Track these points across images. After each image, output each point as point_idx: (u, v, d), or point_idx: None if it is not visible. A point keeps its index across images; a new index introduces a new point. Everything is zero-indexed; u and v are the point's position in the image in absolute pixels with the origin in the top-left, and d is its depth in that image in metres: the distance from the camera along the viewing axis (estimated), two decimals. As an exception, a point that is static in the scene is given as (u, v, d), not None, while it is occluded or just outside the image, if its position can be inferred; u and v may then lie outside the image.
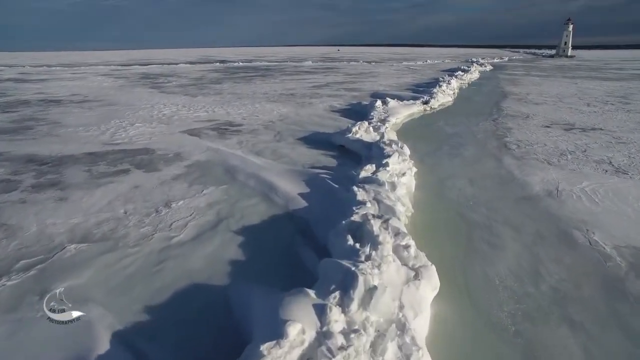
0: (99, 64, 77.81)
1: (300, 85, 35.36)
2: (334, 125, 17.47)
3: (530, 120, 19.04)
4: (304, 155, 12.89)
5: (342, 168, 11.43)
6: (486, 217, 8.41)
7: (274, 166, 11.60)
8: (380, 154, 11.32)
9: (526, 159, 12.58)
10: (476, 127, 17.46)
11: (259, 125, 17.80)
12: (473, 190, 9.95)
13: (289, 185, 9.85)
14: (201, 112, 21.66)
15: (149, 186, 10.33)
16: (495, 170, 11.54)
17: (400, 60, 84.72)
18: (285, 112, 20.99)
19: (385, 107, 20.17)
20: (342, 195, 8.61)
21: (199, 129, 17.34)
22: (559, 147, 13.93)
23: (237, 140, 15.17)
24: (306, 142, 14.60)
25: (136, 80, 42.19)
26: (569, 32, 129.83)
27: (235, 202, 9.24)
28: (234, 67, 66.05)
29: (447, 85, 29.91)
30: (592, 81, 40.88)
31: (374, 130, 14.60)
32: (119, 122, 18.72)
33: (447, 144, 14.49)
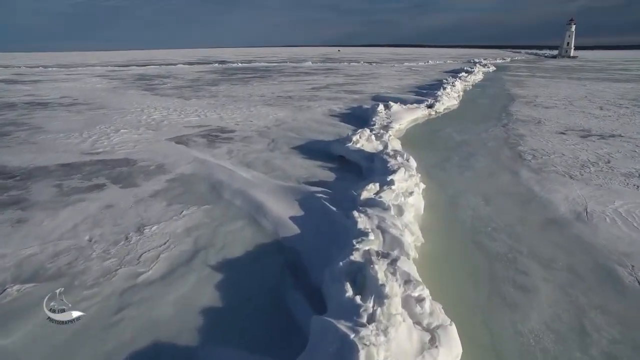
0: (97, 65, 76.83)
1: (299, 87, 34.17)
2: (333, 131, 16.27)
3: (543, 126, 17.81)
4: (298, 168, 11.68)
5: (341, 184, 10.22)
6: (508, 247, 7.20)
7: (264, 181, 10.39)
8: (384, 167, 10.12)
9: (545, 171, 11.37)
10: (486, 134, 16.24)
11: (253, 132, 16.60)
12: (489, 211, 8.74)
13: (280, 206, 8.65)
14: (193, 116, 20.47)
15: (123, 205, 9.14)
16: (512, 185, 10.32)
17: (402, 61, 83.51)
18: (281, 117, 19.79)
19: (387, 112, 18.95)
20: (340, 221, 7.40)
21: (188, 135, 16.15)
22: (579, 158, 12.71)
23: (227, 149, 13.97)
24: (302, 152, 13.39)
25: (131, 82, 41.06)
26: (571, 32, 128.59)
27: (217, 227, 8.04)
28: (233, 68, 64.94)
29: (452, 88, 28.70)
30: (601, 83, 39.62)
31: (377, 139, 13.39)
32: (104, 128, 17.55)
33: (456, 154, 13.27)
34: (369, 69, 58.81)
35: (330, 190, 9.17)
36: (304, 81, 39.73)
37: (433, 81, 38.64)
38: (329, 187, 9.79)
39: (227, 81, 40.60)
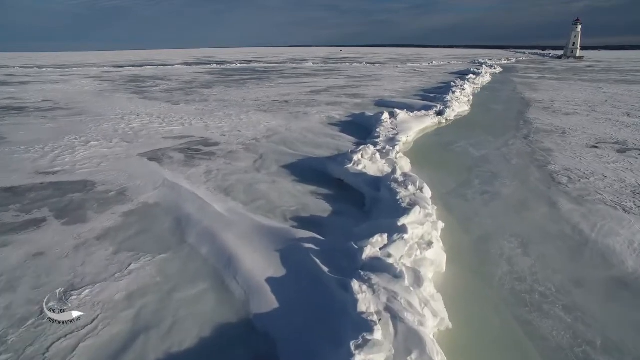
0: (93, 65, 75.05)
1: (297, 90, 32.06)
2: (332, 145, 14.18)
3: (570, 137, 15.66)
4: (286, 196, 9.58)
5: (338, 222, 8.11)
6: (571, 331, 5.09)
7: (241, 218, 8.28)
8: (393, 200, 8.02)
9: (588, 201, 9.24)
10: (506, 148, 14.10)
11: (239, 145, 14.51)
12: (531, 265, 6.62)
13: (256, 260, 6.55)
14: (176, 124, 18.42)
15: (56, 254, 7.09)
16: (552, 222, 8.19)
17: (405, 62, 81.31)
18: (274, 126, 17.68)
19: (393, 121, 16.84)
20: (334, 293, 5.30)
21: (165, 150, 14.08)
22: (625, 181, 10.58)
23: (206, 168, 11.88)
24: (293, 173, 11.29)
25: (121, 84, 39.08)
26: (577, 32, 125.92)
27: (170, 292, 5.97)
28: (231, 69, 62.92)
29: (461, 92, 26.57)
30: (618, 85, 37.36)
31: (382, 157, 11.29)
32: (73, 139, 15.52)
33: (476, 176, 11.15)
34: (371, 70, 56.65)
35: (322, 237, 7.03)
36: (303, 83, 37.63)
37: (440, 83, 36.48)
38: (322, 228, 7.69)
39: (222, 83, 38.56)
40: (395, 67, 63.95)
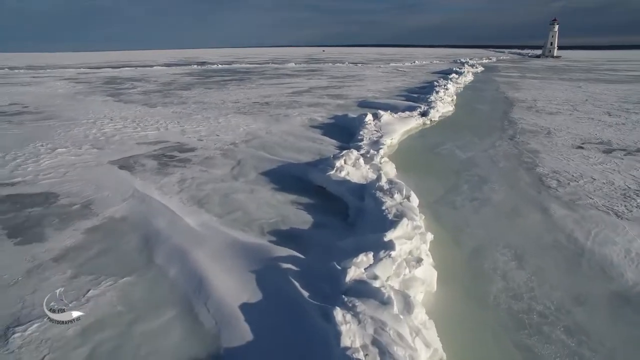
0: (70, 67, 72.76)
1: (279, 91, 31.38)
2: (313, 149, 13.59)
3: (555, 138, 15.44)
4: (265, 207, 8.95)
5: (319, 236, 7.52)
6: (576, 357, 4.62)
7: (215, 233, 7.63)
8: (378, 210, 7.49)
9: (580, 205, 8.89)
10: (493, 150, 13.76)
11: (216, 151, 13.79)
12: (527, 280, 6.17)
13: (229, 283, 5.92)
14: (151, 129, 17.56)
15: (3, 280, 6.33)
16: (545, 231, 7.79)
17: (388, 62, 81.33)
18: (253, 130, 17.01)
19: (377, 123, 16.37)
20: (315, 323, 4.72)
21: (137, 157, 13.28)
22: (614, 183, 10.30)
23: (180, 176, 11.16)
24: (272, 180, 10.67)
25: (97, 86, 37.74)
26: (554, 32, 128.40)
27: (132, 323, 5.29)
28: (212, 70, 61.73)
29: (445, 92, 26.34)
30: (596, 84, 37.82)
31: (366, 162, 10.77)
32: (39, 146, 14.55)
33: (464, 180, 10.72)
34: (354, 70, 56.30)
35: (303, 256, 6.44)
36: (284, 84, 36.95)
37: (423, 83, 36.29)
38: (303, 244, 7.11)
39: (202, 85, 37.57)
40: (378, 67, 63.79)
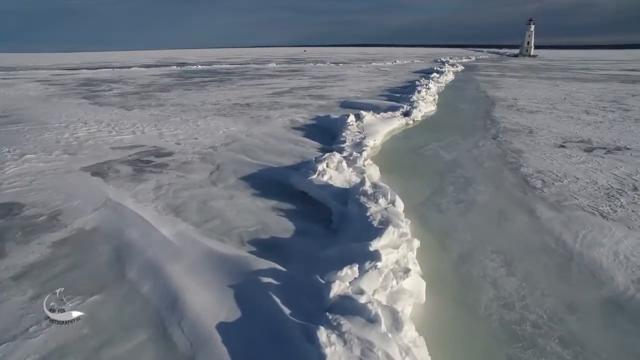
0: (44, 68, 70.54)
1: (260, 92, 30.88)
2: (295, 152, 13.23)
3: (538, 137, 15.47)
4: (245, 214, 8.55)
5: (302, 245, 7.17)
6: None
7: (192, 243, 7.20)
8: (362, 217, 7.19)
9: (566, 206, 8.79)
10: (477, 150, 13.65)
11: (195, 155, 13.30)
12: (518, 286, 5.95)
13: (205, 300, 5.52)
14: (127, 133, 16.90)
15: (-44, 302, 5.76)
16: (533, 234, 7.62)
17: (369, 61, 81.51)
18: (233, 132, 16.53)
19: (359, 124, 16.11)
20: (296, 345, 4.37)
21: (112, 162, 12.68)
22: (597, 183, 10.27)
23: (156, 183, 10.65)
24: (253, 185, 10.26)
25: (72, 88, 36.52)
26: (531, 32, 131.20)
27: (99, 348, 4.85)
28: (192, 70, 60.65)
29: (427, 91, 26.33)
30: (573, 83, 38.55)
31: (349, 165, 10.47)
32: (5, 152, 13.79)
33: (449, 182, 10.53)
34: (335, 70, 56.11)
35: (284, 268, 6.07)
36: (265, 85, 36.45)
37: (404, 82, 36.33)
38: (284, 253, 6.75)
39: (181, 86, 36.74)
40: (360, 67, 63.78)
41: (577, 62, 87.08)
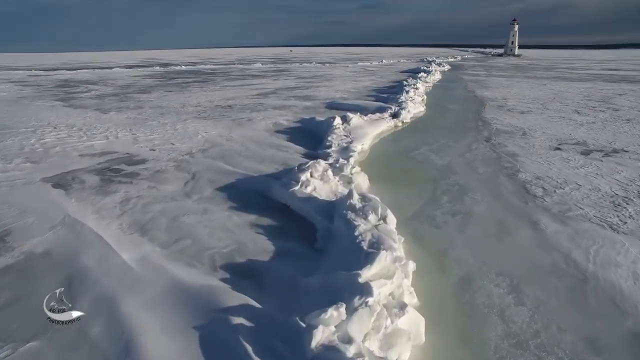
0: (21, 68, 68.19)
1: (243, 93, 29.86)
2: (278, 158, 12.34)
3: (532, 139, 14.86)
4: (219, 232, 7.63)
5: (281, 270, 6.29)
6: None
7: (155, 271, 6.26)
8: (350, 238, 6.35)
9: (572, 218, 8.08)
10: (470, 154, 12.94)
11: (169, 162, 12.31)
12: (529, 319, 5.16)
13: (163, 346, 4.60)
14: (99, 138, 15.78)
15: None
16: (540, 252, 6.87)
17: (355, 61, 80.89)
18: (213, 137, 15.56)
19: (346, 127, 15.29)
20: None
21: (78, 171, 11.62)
22: (600, 189, 9.62)
23: (124, 195, 9.65)
24: (230, 197, 9.34)
25: (47, 90, 34.93)
26: (515, 32, 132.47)
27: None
28: (175, 71, 59.15)
29: (415, 91, 25.65)
30: (560, 82, 38.40)
31: (335, 174, 9.62)
32: (-41, 162, 12.57)
33: (443, 190, 9.75)
34: (322, 70, 55.28)
35: (259, 304, 5.17)
36: (250, 85, 35.42)
37: (391, 82, 35.68)
38: (260, 283, 5.87)
39: (163, 87, 35.48)
40: (346, 67, 63.07)
41: (560, 62, 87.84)
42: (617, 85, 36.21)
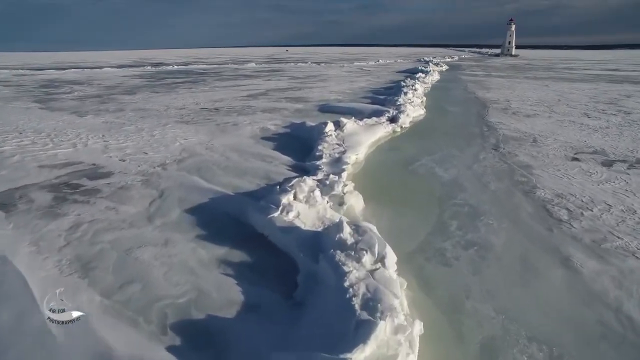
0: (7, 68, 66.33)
1: (233, 94, 28.32)
2: (260, 171, 10.85)
3: (543, 147, 13.44)
4: (177, 274, 6.11)
5: (247, 335, 4.79)
6: None
7: (82, 338, 4.75)
8: (338, 290, 4.89)
9: (610, 251, 6.65)
10: (478, 165, 11.50)
11: (137, 176, 10.78)
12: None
13: None
14: (66, 145, 14.23)
15: None
16: (581, 305, 5.40)
17: (352, 61, 79.43)
18: (192, 144, 14.04)
19: (339, 133, 13.82)
20: None
21: (29, 187, 10.09)
22: (635, 211, 8.20)
23: (74, 220, 8.12)
24: (199, 223, 7.83)
25: (28, 90, 33.29)
26: (512, 32, 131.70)
27: None
28: (165, 71, 57.47)
29: (414, 93, 24.23)
30: (562, 83, 37.14)
31: (324, 194, 8.15)
32: None
33: (452, 214, 8.28)
34: (317, 70, 53.78)
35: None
36: (240, 86, 33.87)
37: (388, 83, 34.25)
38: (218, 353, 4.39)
39: (150, 88, 33.87)
40: (342, 67, 61.61)
41: (558, 62, 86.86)
42: (621, 85, 35.00)
